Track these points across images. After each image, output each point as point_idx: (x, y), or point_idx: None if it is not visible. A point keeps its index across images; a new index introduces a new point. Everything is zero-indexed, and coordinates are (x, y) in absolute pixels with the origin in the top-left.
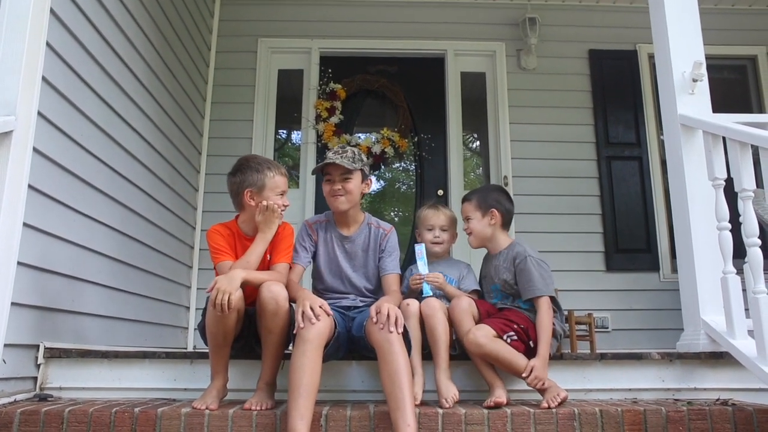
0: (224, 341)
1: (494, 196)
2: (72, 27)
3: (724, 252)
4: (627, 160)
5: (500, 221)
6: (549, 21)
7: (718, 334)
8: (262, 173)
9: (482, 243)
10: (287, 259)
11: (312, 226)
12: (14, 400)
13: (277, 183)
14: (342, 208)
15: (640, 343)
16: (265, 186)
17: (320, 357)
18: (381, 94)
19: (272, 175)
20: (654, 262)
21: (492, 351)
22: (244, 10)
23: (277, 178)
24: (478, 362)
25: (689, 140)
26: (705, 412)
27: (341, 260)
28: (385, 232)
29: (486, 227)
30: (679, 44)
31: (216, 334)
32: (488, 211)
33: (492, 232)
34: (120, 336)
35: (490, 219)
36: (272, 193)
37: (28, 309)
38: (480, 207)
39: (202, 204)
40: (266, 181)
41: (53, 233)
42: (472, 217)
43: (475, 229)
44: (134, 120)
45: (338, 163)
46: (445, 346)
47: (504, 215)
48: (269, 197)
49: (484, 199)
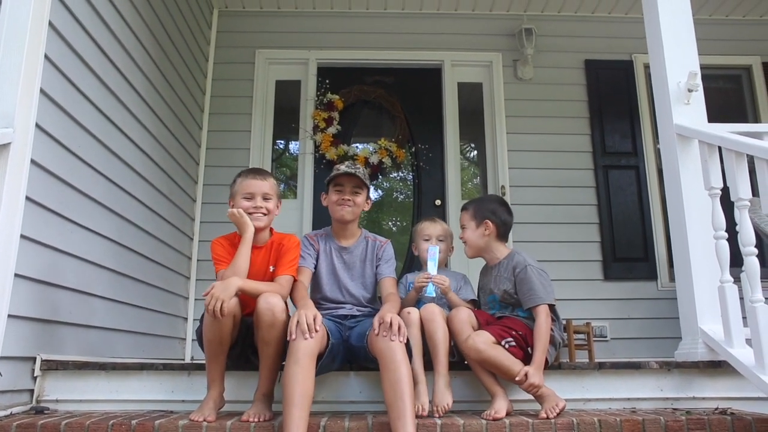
0: (220, 347)
1: (490, 207)
2: (70, 39)
3: (721, 261)
4: (624, 169)
5: (495, 232)
6: (545, 31)
7: (716, 343)
8: (236, 181)
9: (477, 253)
10: (291, 271)
11: (313, 238)
12: (10, 413)
13: (244, 186)
14: (347, 218)
15: (638, 352)
16: (236, 192)
17: (313, 367)
18: (378, 104)
19: (241, 180)
20: (651, 271)
21: (491, 357)
22: (242, 21)
23: (247, 181)
24: (477, 369)
25: (685, 150)
26: (704, 422)
27: (339, 270)
28: (381, 244)
29: (480, 238)
30: (674, 54)
31: (212, 340)
32: (482, 222)
33: (487, 242)
34: (118, 347)
35: (484, 230)
36: (240, 197)
37: (25, 321)
38: (475, 217)
39: (200, 215)
40: (236, 188)
41: (51, 245)
42: (467, 226)
43: (469, 238)
44: (132, 131)
45: (356, 175)
46: (444, 351)
47: (499, 227)
48: (238, 202)
49: (479, 209)
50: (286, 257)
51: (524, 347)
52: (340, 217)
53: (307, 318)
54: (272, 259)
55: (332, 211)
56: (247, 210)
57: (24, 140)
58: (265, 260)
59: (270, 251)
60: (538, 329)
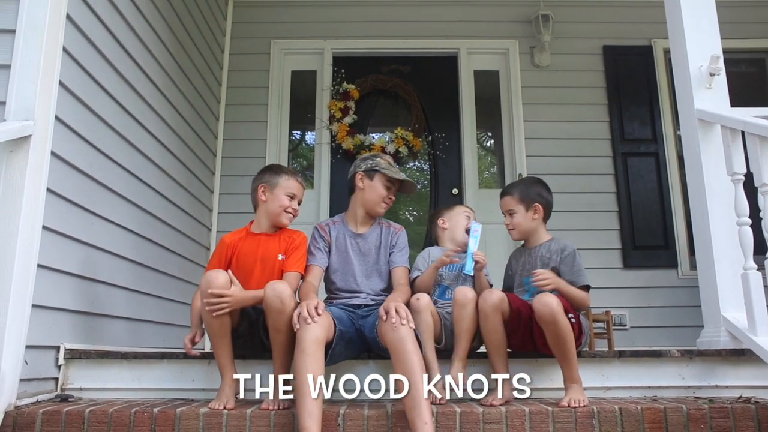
0: (221, 330)
1: (536, 190)
2: (88, 32)
3: (745, 247)
4: (643, 156)
5: (542, 215)
6: (562, 17)
7: (740, 331)
8: (279, 175)
9: (525, 236)
10: (299, 268)
11: (324, 228)
12: (36, 400)
13: (290, 185)
14: (383, 214)
15: (658, 341)
16: (278, 184)
17: (321, 355)
18: (394, 93)
19: (287, 178)
20: (672, 259)
21: (561, 321)
22: (257, 12)
23: (291, 181)
24: (497, 349)
25: (707, 135)
26: (727, 410)
27: (354, 258)
28: (396, 230)
29: (530, 221)
30: (695, 38)
31: (211, 324)
32: (532, 205)
33: (536, 225)
34: (139, 337)
35: (534, 213)
36: (282, 192)
37: (48, 311)
38: (523, 201)
39: (218, 205)
40: (280, 181)
41: (73, 236)
42: (516, 211)
43: (519, 223)
44: (150, 123)
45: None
46: (468, 338)
47: (546, 209)
48: (278, 195)
49: (526, 193)
50: (295, 254)
51: (579, 329)
52: (377, 213)
53: (308, 306)
54: (281, 248)
55: (371, 202)
56: (286, 208)
57: (44, 133)
58: (275, 248)
59: (279, 240)
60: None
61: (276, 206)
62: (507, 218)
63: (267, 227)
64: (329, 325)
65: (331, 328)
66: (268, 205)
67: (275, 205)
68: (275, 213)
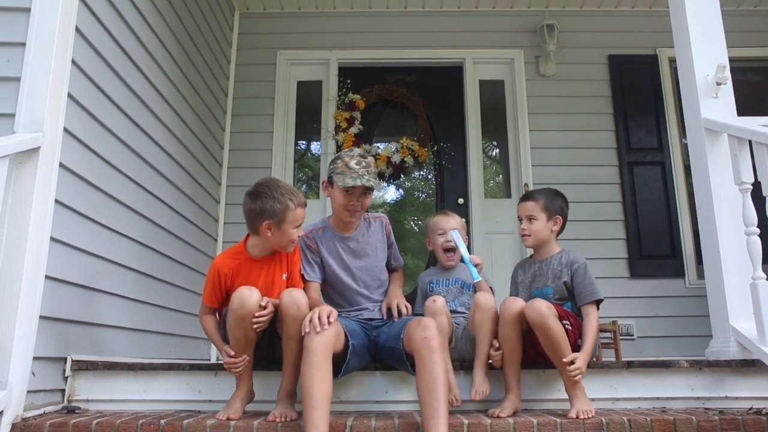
0: (246, 344)
1: (559, 203)
2: (96, 44)
3: (753, 257)
4: (649, 165)
5: (560, 228)
6: (567, 27)
7: (749, 341)
8: (284, 204)
9: (538, 244)
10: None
11: (311, 240)
12: (43, 412)
13: (296, 216)
14: (354, 222)
15: (666, 351)
16: (285, 220)
17: (329, 365)
18: (400, 103)
19: (293, 207)
20: (679, 268)
21: (551, 326)
22: (263, 23)
23: (297, 210)
24: (511, 359)
25: (714, 144)
26: (738, 422)
27: (350, 263)
28: (385, 222)
29: (548, 231)
30: (701, 47)
31: (238, 338)
32: (554, 217)
33: (550, 236)
34: (145, 348)
35: (554, 224)
36: (291, 227)
37: (55, 322)
38: (547, 209)
39: (224, 216)
40: (287, 215)
41: (80, 247)
42: (537, 218)
43: (539, 231)
44: (156, 134)
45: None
46: (488, 343)
47: (564, 224)
48: (287, 231)
49: (551, 203)
50: (296, 270)
51: (575, 337)
52: (347, 222)
53: (320, 312)
54: (283, 268)
55: (339, 213)
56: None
57: (53, 144)
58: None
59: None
60: (590, 324)
61: (285, 241)
62: (525, 223)
63: (268, 252)
64: (338, 335)
65: (340, 338)
66: (274, 239)
67: (284, 239)
68: (282, 246)
